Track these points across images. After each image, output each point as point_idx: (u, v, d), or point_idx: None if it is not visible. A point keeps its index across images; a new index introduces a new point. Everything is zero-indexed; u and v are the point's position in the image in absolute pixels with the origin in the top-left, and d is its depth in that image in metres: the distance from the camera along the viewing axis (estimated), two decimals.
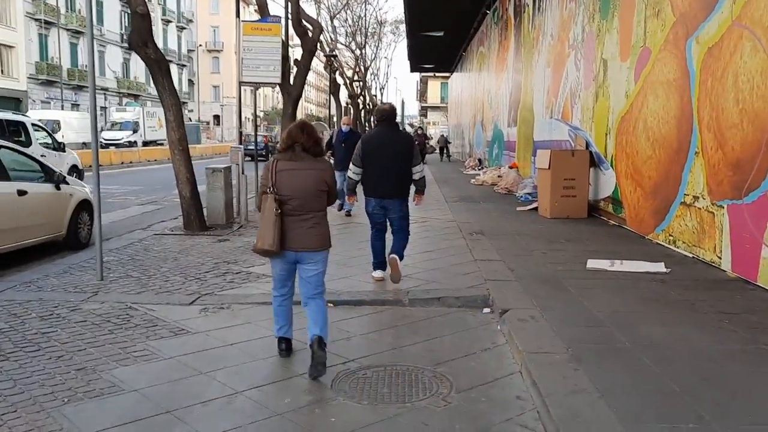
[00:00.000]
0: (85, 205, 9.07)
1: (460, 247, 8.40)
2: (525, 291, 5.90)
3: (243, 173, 10.98)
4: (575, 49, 12.83)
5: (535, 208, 12.16)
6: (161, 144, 44.32)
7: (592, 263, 7.05)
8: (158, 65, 9.62)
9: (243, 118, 15.01)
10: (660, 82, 8.53)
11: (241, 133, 12.70)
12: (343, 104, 34.56)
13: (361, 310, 5.64)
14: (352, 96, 37.29)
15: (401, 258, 6.41)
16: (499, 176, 18.93)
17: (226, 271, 7.14)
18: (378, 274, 6.56)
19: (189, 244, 8.78)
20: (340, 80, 33.60)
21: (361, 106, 41.80)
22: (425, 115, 77.40)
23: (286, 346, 4.51)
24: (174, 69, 68.23)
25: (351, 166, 6.43)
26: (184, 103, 70.91)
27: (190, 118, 67.89)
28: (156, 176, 22.61)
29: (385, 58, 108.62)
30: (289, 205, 4.16)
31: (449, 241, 8.87)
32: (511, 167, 19.15)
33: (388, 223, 6.54)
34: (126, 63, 56.31)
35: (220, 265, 7.41)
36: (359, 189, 6.58)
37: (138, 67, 59.46)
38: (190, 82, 71.92)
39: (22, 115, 18.70)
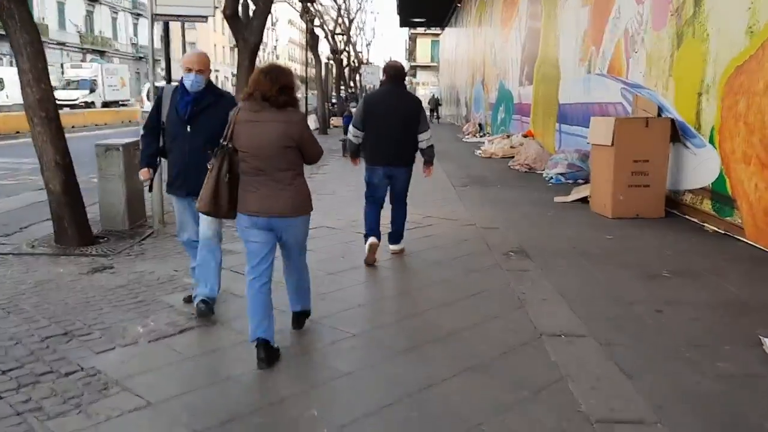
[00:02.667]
0: None
1: (500, 291, 4.84)
2: None
3: None
4: None
5: (582, 199, 8.66)
6: (124, 105, 40.17)
7: None
8: None
9: (223, 78, 11.30)
10: None
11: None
12: (324, 61, 30.46)
13: None
14: (335, 51, 33.13)
15: (401, 237, 6.07)
16: (511, 147, 15.37)
17: (54, 365, 3.56)
18: (372, 240, 5.76)
19: (37, 280, 5.17)
20: (320, 33, 29.48)
21: (345, 63, 37.67)
22: (414, 75, 72.98)
23: (265, 354, 3.44)
24: (144, 24, 63.30)
25: (350, 128, 5.90)
26: (156, 60, 66.03)
27: (164, 78, 63.12)
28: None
29: (372, 12, 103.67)
30: (249, 163, 3.51)
31: (478, 276, 5.29)
32: (525, 136, 15.61)
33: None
34: (89, 16, 51.40)
35: (56, 345, 3.82)
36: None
37: (103, 20, 54.57)
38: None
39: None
